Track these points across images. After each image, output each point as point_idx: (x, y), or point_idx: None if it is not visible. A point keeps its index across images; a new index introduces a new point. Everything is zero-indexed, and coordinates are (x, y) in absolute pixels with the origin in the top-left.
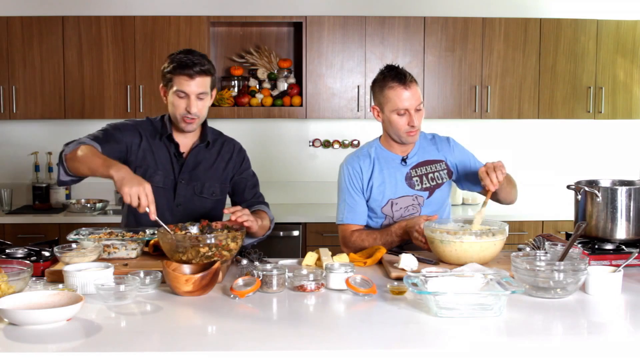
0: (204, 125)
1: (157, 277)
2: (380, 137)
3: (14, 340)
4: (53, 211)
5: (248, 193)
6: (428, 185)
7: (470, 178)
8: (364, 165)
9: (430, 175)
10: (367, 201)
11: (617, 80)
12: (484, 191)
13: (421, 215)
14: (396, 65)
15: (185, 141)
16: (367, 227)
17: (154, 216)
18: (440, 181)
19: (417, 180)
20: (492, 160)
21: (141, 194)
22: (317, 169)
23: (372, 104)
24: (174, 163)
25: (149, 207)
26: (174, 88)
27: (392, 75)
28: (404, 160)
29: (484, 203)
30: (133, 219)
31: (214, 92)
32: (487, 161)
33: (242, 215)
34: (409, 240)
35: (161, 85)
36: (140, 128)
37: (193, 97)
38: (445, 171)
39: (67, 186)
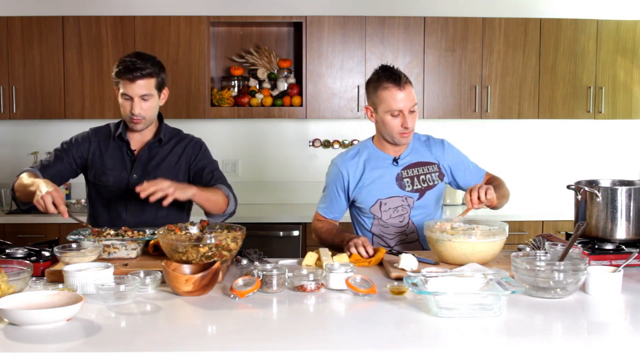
0: (160, 123)
1: (157, 277)
2: (373, 136)
3: (14, 340)
4: None
5: (206, 177)
6: (419, 187)
7: (463, 181)
8: (351, 168)
9: (422, 177)
10: (355, 201)
11: (617, 80)
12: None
13: (361, 237)
14: (391, 65)
15: (139, 139)
16: (340, 224)
17: (65, 215)
18: (431, 183)
19: (407, 182)
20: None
21: (44, 199)
22: (317, 169)
23: (366, 103)
24: (127, 161)
25: (59, 207)
26: (120, 91)
27: (387, 76)
28: (395, 160)
29: (462, 213)
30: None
31: (165, 91)
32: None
33: (154, 189)
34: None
35: (114, 87)
36: (93, 135)
37: (136, 99)
38: (437, 174)
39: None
